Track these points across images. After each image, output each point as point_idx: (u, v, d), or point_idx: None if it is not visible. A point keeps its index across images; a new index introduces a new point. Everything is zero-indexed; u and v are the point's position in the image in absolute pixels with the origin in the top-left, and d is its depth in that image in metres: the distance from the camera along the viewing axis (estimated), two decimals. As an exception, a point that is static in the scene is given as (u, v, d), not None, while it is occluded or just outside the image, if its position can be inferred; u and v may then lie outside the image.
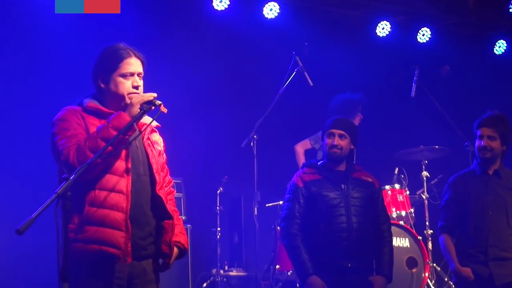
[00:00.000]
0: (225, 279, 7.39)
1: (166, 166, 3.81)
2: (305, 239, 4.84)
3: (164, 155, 3.80)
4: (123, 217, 3.35)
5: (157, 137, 3.76)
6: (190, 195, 7.56)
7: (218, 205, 7.58)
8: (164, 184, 3.74)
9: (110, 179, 3.36)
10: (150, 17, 7.43)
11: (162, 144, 3.79)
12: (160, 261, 3.62)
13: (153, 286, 3.57)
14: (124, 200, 3.37)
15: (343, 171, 5.03)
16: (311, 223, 4.88)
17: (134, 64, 3.53)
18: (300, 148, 7.55)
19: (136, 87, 3.51)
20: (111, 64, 3.50)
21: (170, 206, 3.69)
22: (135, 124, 3.40)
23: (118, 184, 3.37)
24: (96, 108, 3.50)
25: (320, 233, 4.82)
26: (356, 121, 7.22)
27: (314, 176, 4.99)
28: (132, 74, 3.51)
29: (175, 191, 3.92)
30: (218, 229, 7.52)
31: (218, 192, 7.60)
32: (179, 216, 3.84)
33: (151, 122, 3.54)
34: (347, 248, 4.78)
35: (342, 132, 4.98)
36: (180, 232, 3.70)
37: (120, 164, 3.41)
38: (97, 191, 3.33)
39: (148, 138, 3.64)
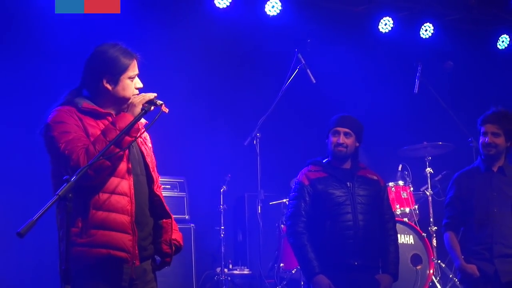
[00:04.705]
0: (229, 278, 7.37)
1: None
2: (311, 237, 4.82)
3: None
4: (129, 219, 3.31)
5: (145, 134, 3.65)
6: (193, 194, 7.54)
7: (221, 203, 7.55)
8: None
9: (112, 181, 3.30)
10: (151, 17, 7.41)
11: (150, 141, 3.71)
12: (157, 259, 3.58)
13: (154, 285, 3.53)
14: (128, 202, 3.32)
15: (348, 169, 5.01)
16: (317, 221, 4.86)
17: (136, 66, 3.50)
18: None
19: (139, 89, 3.48)
20: (120, 66, 3.42)
21: None
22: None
23: (120, 186, 3.31)
24: (92, 109, 3.40)
25: (326, 231, 4.80)
26: None
27: (319, 174, 4.97)
28: (135, 76, 3.49)
29: (162, 187, 3.80)
30: (222, 227, 7.49)
31: (221, 190, 7.57)
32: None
33: (152, 122, 3.42)
34: (354, 246, 4.76)
35: (347, 130, 4.96)
36: (174, 229, 3.64)
37: (121, 166, 3.35)
38: (100, 194, 3.27)
39: (140, 136, 3.54)
